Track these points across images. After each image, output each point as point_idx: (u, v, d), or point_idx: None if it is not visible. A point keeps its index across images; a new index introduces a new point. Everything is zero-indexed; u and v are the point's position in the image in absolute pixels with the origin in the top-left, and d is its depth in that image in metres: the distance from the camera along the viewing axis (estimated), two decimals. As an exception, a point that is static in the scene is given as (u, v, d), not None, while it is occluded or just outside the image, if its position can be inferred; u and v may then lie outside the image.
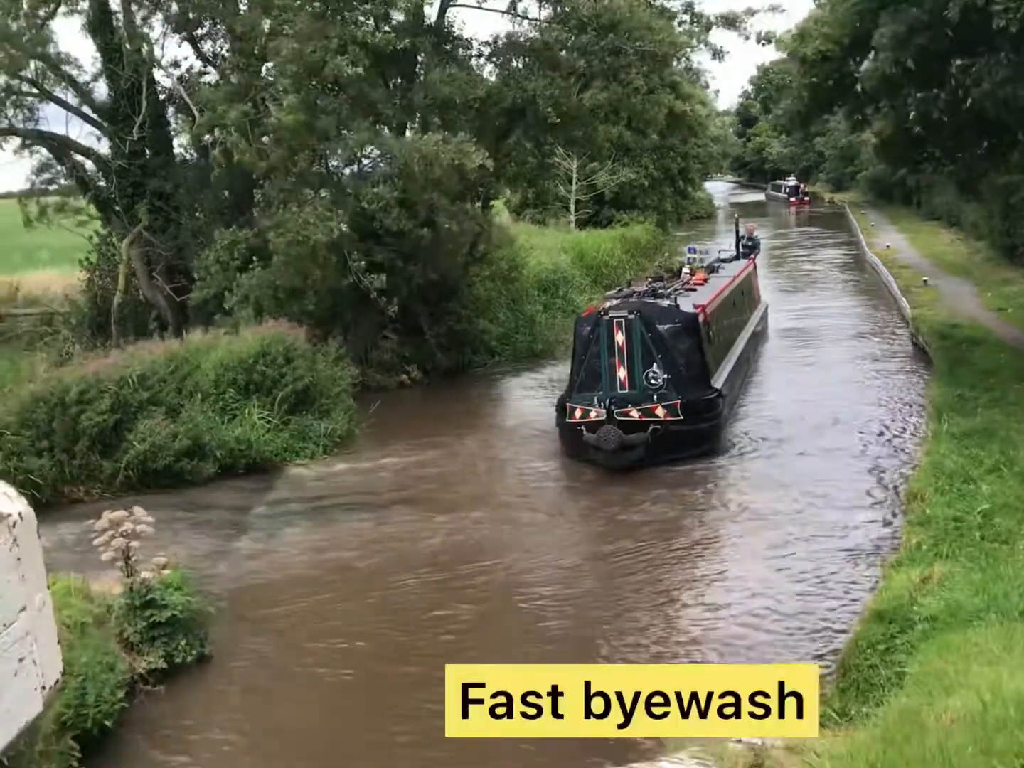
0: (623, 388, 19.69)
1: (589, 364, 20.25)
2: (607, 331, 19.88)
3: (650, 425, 19.25)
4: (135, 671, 11.69)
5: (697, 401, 19.82)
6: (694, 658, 12.20)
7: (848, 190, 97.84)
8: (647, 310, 20.51)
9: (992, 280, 36.79)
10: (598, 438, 19.10)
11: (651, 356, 19.68)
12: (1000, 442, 16.74)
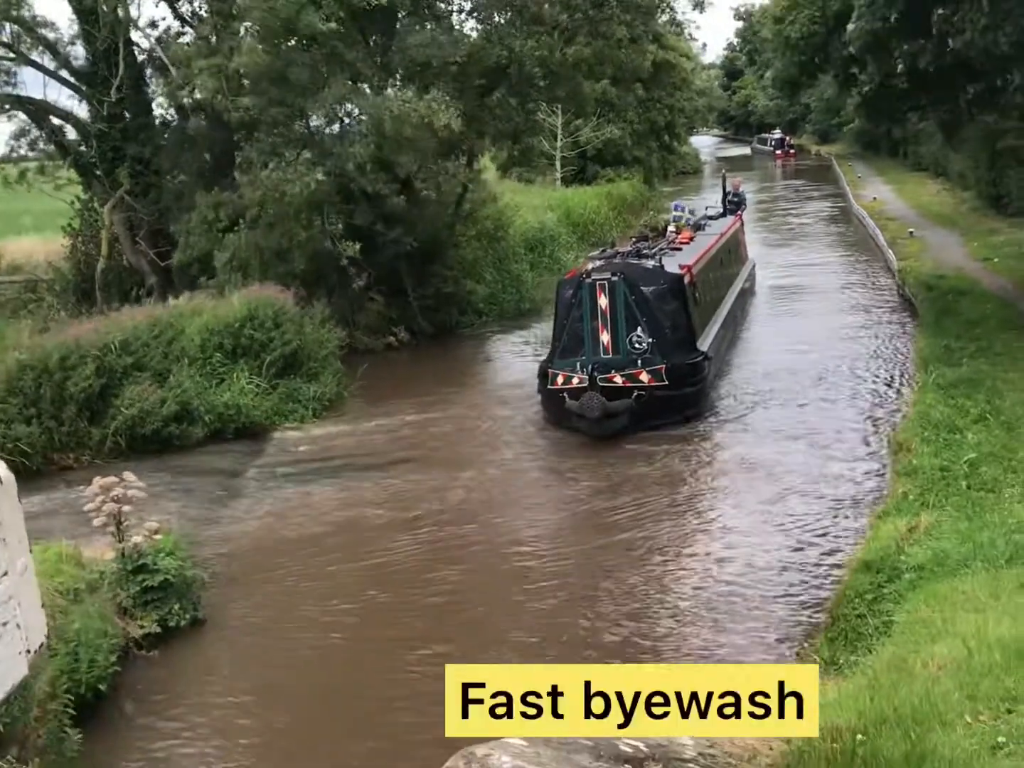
0: (606, 353, 19.13)
1: (571, 328, 19.70)
2: (589, 294, 19.33)
3: (634, 391, 18.72)
4: (129, 636, 11.73)
5: (682, 365, 19.28)
6: (685, 612, 12.30)
7: (835, 142, 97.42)
8: (631, 272, 19.95)
9: (978, 230, 36.75)
10: (581, 405, 18.51)
11: (635, 319, 19.11)
12: (986, 392, 16.84)
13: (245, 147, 28.14)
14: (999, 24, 17.30)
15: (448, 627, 12.47)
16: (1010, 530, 10.76)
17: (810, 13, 20.73)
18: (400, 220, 27.00)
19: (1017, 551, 10.00)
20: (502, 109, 29.97)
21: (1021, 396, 16.62)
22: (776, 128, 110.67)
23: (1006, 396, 16.60)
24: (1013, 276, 27.68)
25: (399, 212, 26.81)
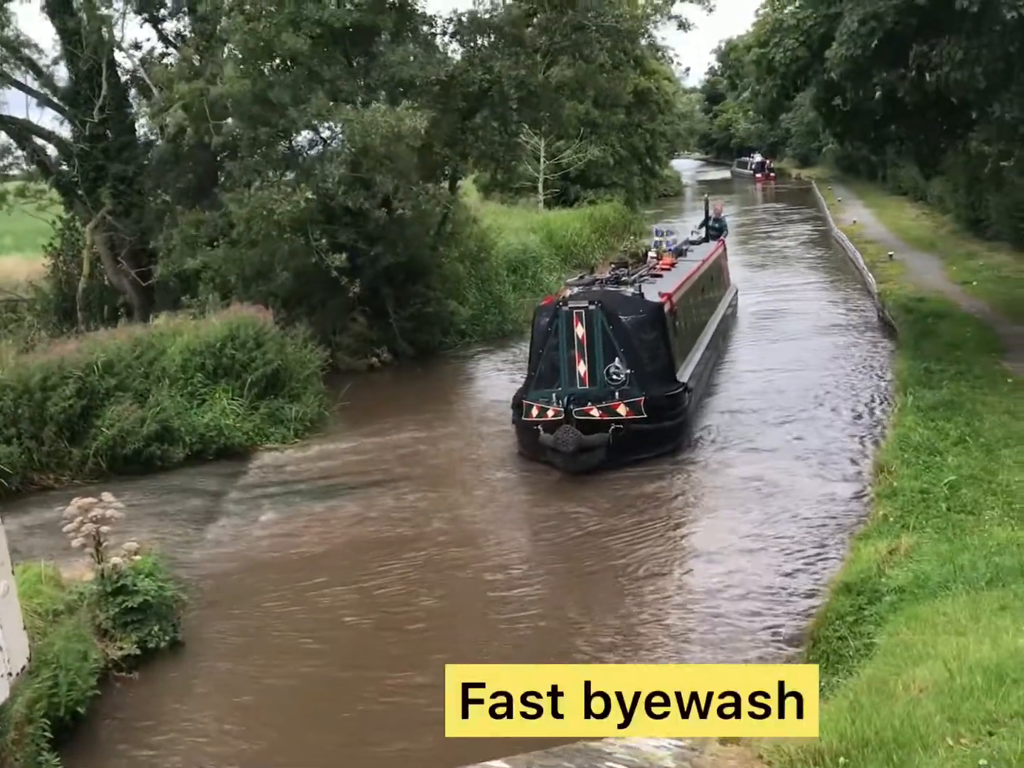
0: (583, 384, 18.45)
1: (547, 358, 19.02)
2: (566, 323, 18.63)
3: (611, 424, 18.00)
4: (108, 657, 11.66)
5: (662, 397, 18.67)
6: (668, 633, 12.31)
7: (815, 165, 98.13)
8: (609, 300, 19.27)
9: (957, 253, 37.05)
10: (555, 439, 17.79)
11: (613, 350, 18.44)
12: (965, 414, 16.92)
13: (228, 166, 28.24)
14: (976, 58, 17.48)
15: (428, 653, 12.39)
16: (990, 552, 10.80)
17: (795, 38, 20.83)
18: (381, 239, 27.05)
19: (997, 573, 10.03)
20: (484, 131, 30.13)
21: (1000, 419, 16.71)
22: (757, 151, 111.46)
23: (985, 419, 16.69)
24: (992, 299, 27.89)
25: (380, 231, 26.86)
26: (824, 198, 68.19)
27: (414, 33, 29.67)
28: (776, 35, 21.57)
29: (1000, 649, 6.50)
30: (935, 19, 18.00)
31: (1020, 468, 14.29)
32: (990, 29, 17.21)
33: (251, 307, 23.14)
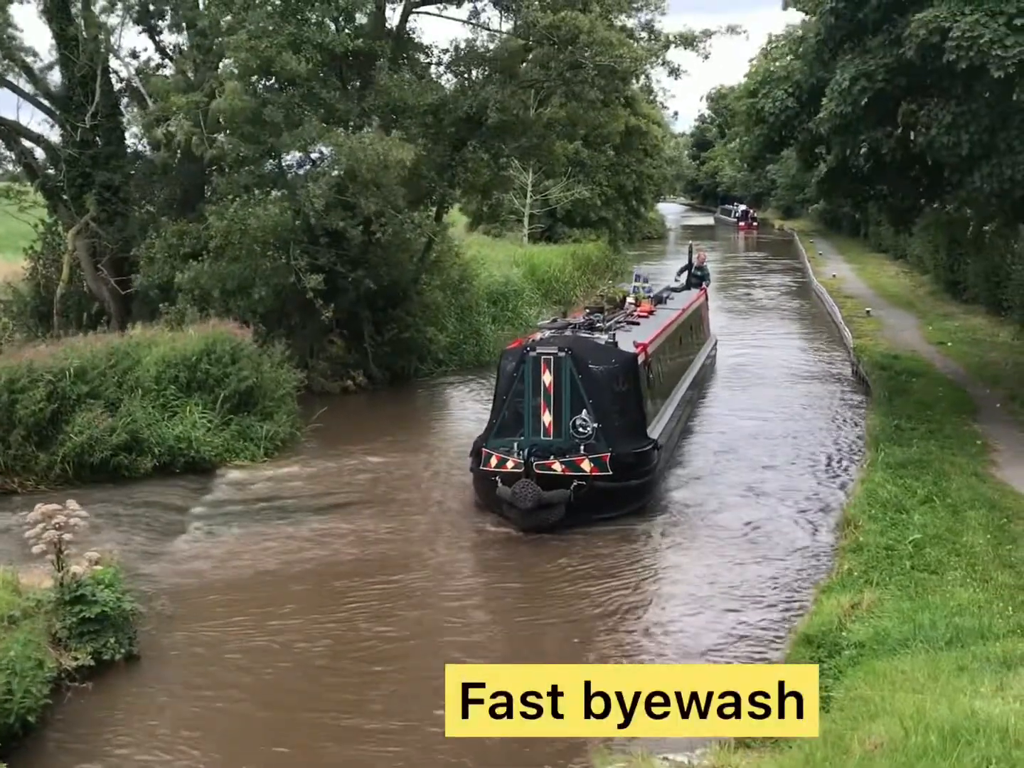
0: (547, 435, 17.39)
1: (511, 404, 17.97)
2: (533, 369, 17.59)
3: (574, 480, 16.96)
4: (62, 667, 11.53)
5: (629, 454, 17.65)
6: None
7: (798, 218, 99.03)
8: (579, 347, 18.20)
9: (935, 314, 37.45)
10: (513, 494, 16.74)
11: (581, 400, 17.39)
12: (934, 474, 17.06)
13: (216, 181, 28.27)
14: (964, 124, 17.73)
15: (384, 674, 12.41)
16: (951, 613, 10.87)
17: (784, 89, 21.10)
18: (362, 263, 27.07)
19: (957, 634, 10.10)
20: (474, 162, 30.28)
21: (968, 480, 16.86)
22: (743, 200, 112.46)
23: (953, 479, 16.83)
24: (965, 361, 28.18)
25: (361, 255, 26.89)
26: (805, 251, 68.80)
27: (410, 61, 29.90)
28: (765, 86, 21.85)
29: (956, 710, 6.53)
30: (925, 80, 18.28)
31: (984, 530, 14.42)
32: (980, 95, 17.47)
33: (230, 323, 23.10)
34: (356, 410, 26.75)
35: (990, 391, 24.24)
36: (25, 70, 28.75)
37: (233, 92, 25.04)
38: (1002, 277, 32.81)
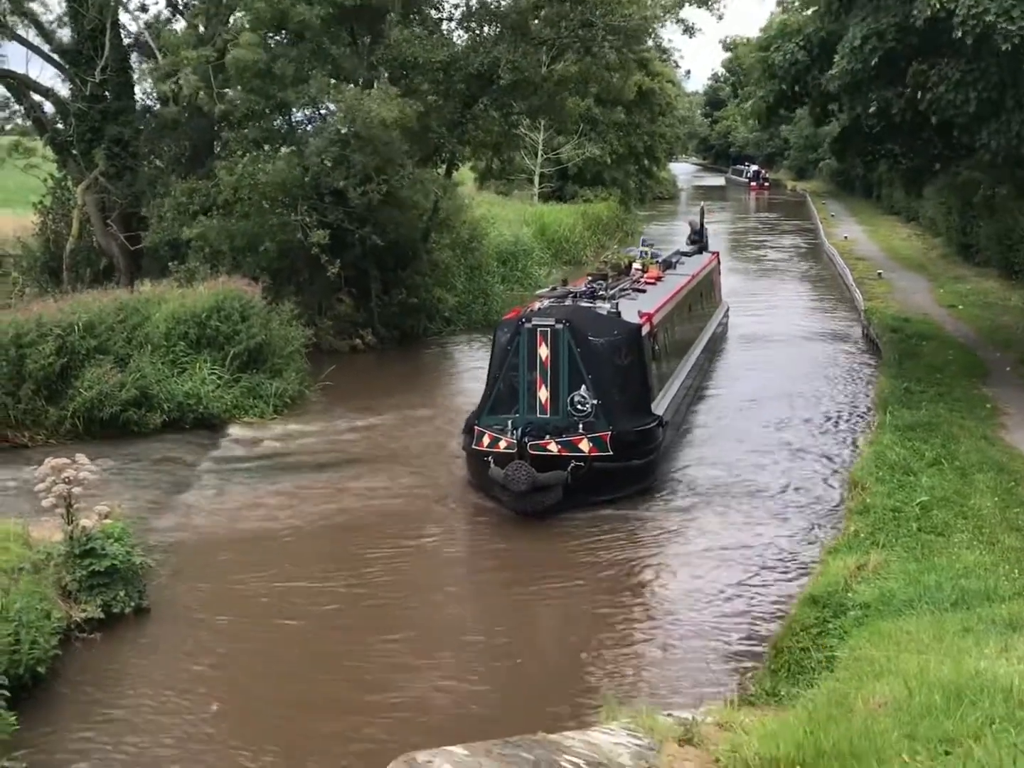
0: (543, 412, 16.32)
1: (506, 379, 16.82)
2: (528, 342, 16.47)
3: (571, 461, 15.84)
4: (71, 619, 11.62)
5: (631, 432, 16.52)
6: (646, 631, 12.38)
7: (811, 179, 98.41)
8: (578, 319, 17.03)
9: (946, 276, 37.27)
10: (505, 476, 15.54)
11: (580, 375, 16.26)
12: (942, 436, 17.02)
13: (225, 137, 28.16)
14: (972, 81, 17.58)
15: (389, 625, 12.53)
16: (957, 575, 10.88)
17: (795, 42, 20.94)
18: (368, 220, 26.95)
19: (962, 596, 10.11)
20: (484, 119, 30.10)
21: (976, 443, 16.82)
22: (753, 160, 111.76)
23: (961, 442, 16.79)
24: (976, 324, 28.07)
25: (368, 212, 26.78)
26: (817, 212, 68.44)
27: (421, 16, 29.67)
28: (777, 40, 21.69)
29: (961, 670, 6.54)
30: (935, 42, 18.10)
31: (992, 493, 14.39)
32: (989, 54, 17.31)
33: (239, 280, 23.08)
34: (364, 368, 26.76)
35: (1001, 355, 24.15)
36: (35, 24, 28.63)
37: (248, 44, 24.89)
38: (1015, 240, 32.63)
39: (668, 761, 5.31)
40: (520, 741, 4.75)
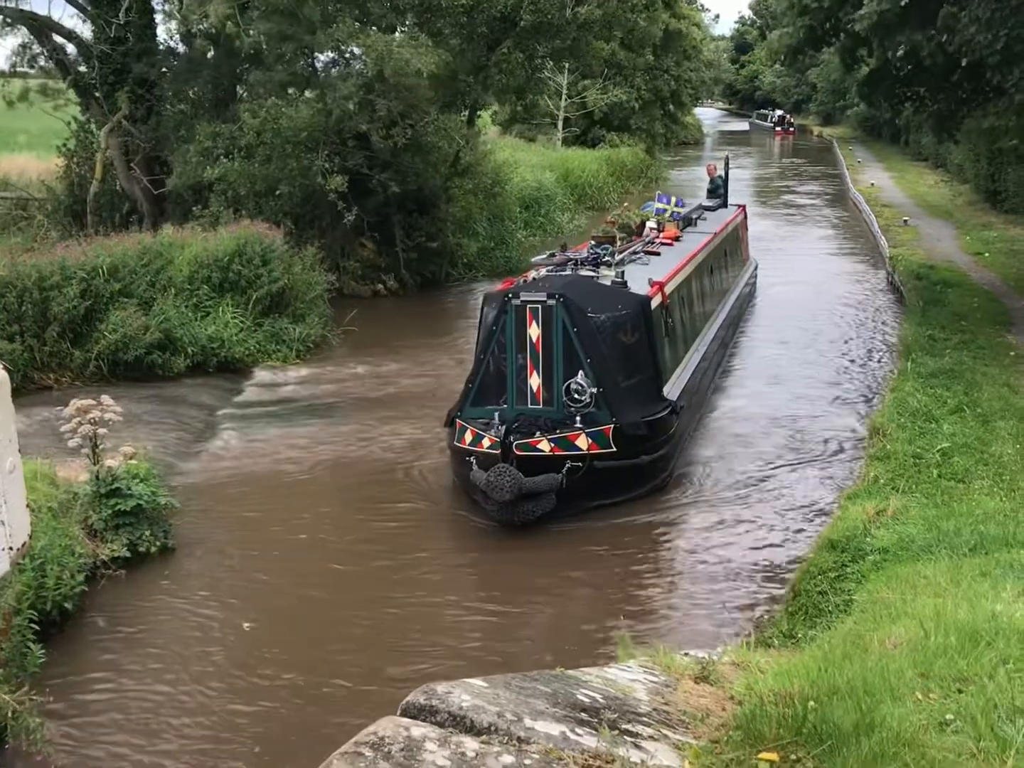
0: (535, 403, 14.00)
1: (494, 364, 14.48)
2: (516, 321, 14.10)
3: (566, 461, 13.52)
4: (98, 557, 11.80)
5: (639, 423, 14.19)
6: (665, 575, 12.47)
7: (838, 125, 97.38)
8: (576, 292, 14.52)
9: (973, 224, 36.92)
10: (487, 482, 13.16)
11: (577, 359, 13.94)
12: (965, 384, 16.98)
13: (250, 79, 28.01)
14: (1002, 19, 17.31)
15: (414, 564, 12.69)
16: (976, 521, 10.89)
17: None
18: (391, 166, 26.84)
19: (981, 541, 10.13)
20: (508, 63, 29.85)
21: (999, 391, 16.77)
22: (779, 106, 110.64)
23: (984, 389, 16.75)
24: (1002, 272, 27.84)
25: (391, 157, 26.66)
26: (844, 158, 67.74)
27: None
28: None
29: (977, 613, 6.58)
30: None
31: (1014, 440, 14.37)
32: None
33: (261, 224, 23.09)
34: (387, 314, 26.80)
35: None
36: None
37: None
38: (1044, 187, 32.29)
39: (684, 697, 5.37)
40: (538, 675, 4.81)
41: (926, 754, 3.80)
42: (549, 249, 20.35)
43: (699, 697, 5.45)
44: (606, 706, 4.42)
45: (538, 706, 4.06)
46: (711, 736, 4.28)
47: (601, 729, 3.89)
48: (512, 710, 3.83)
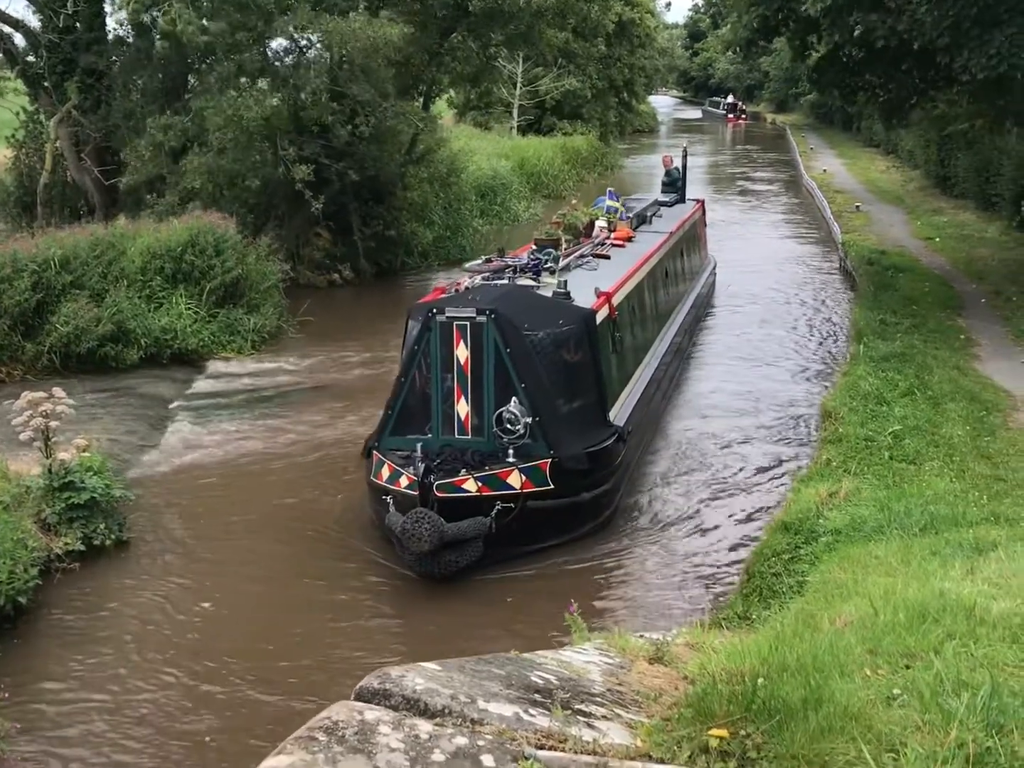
0: (463, 432, 12.41)
1: (418, 387, 12.87)
2: (441, 339, 12.46)
3: (496, 503, 11.83)
4: (52, 551, 11.71)
5: (580, 456, 12.58)
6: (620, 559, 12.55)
7: (791, 112, 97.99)
8: (509, 306, 12.82)
9: (924, 209, 37.33)
10: (402, 530, 11.29)
11: (510, 384, 12.26)
12: (916, 367, 17.21)
13: (201, 70, 27.74)
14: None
15: (373, 552, 12.66)
16: (927, 501, 11.05)
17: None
18: (348, 154, 26.73)
19: (931, 521, 10.29)
20: (462, 51, 29.80)
21: (949, 373, 17.02)
22: (733, 92, 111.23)
23: (935, 372, 16.98)
24: (952, 256, 28.20)
25: (347, 146, 26.54)
26: (797, 145, 68.19)
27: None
28: None
29: (926, 590, 6.68)
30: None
31: (963, 422, 14.60)
32: None
33: (214, 215, 22.91)
34: (343, 303, 26.72)
35: (976, 286, 24.32)
36: (1, -48, 28.02)
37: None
38: (992, 173, 32.64)
39: (638, 677, 5.42)
40: (493, 658, 4.85)
41: (872, 727, 3.87)
42: (505, 238, 20.34)
43: (653, 678, 5.51)
44: (560, 687, 4.47)
45: (492, 688, 4.09)
46: (663, 714, 4.34)
47: (554, 709, 3.93)
48: (466, 692, 3.86)
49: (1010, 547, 8.32)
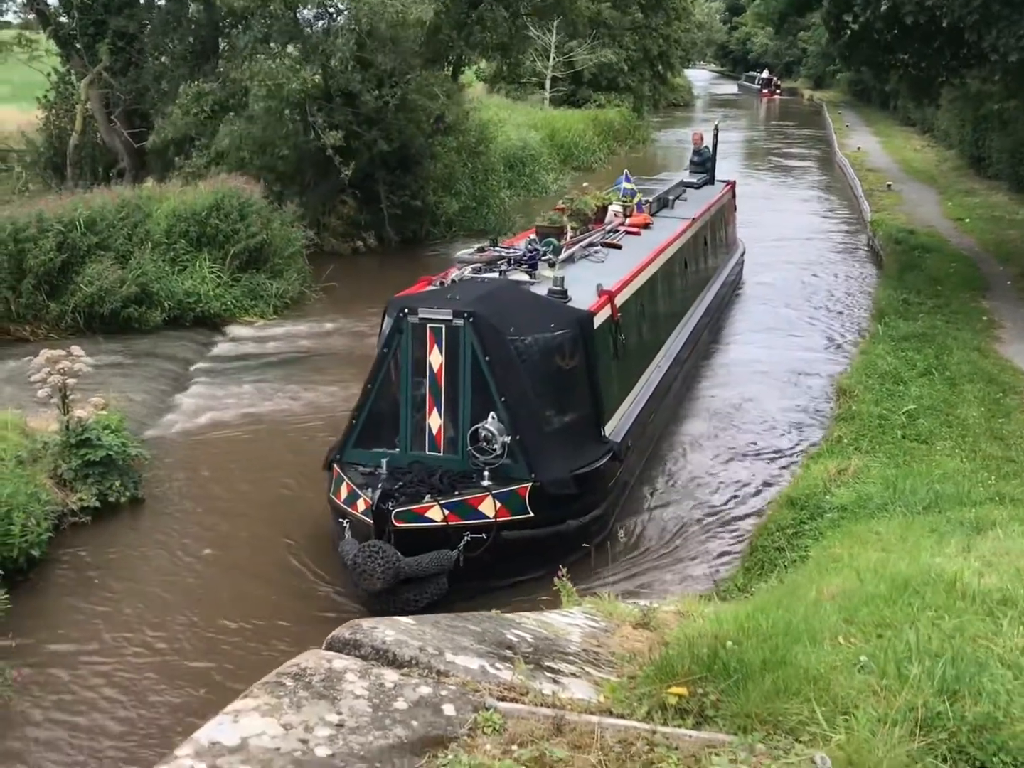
0: (435, 448, 10.92)
1: (387, 395, 11.31)
2: (413, 343, 10.98)
3: (464, 534, 10.28)
4: (67, 506, 11.90)
5: (564, 481, 11.02)
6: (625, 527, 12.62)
7: (828, 88, 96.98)
8: (492, 308, 11.19)
9: (956, 189, 36.97)
10: (354, 562, 9.83)
11: (488, 397, 10.78)
12: (936, 347, 17.16)
13: (232, 34, 27.77)
14: None
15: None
16: (933, 480, 11.07)
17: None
18: (377, 123, 26.73)
19: (936, 500, 10.31)
20: (492, 20, 29.67)
21: (969, 355, 16.95)
22: (769, 67, 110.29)
23: (954, 353, 16.92)
24: (982, 238, 27.95)
25: (376, 115, 26.55)
26: (832, 122, 67.53)
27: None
28: None
29: (914, 565, 6.74)
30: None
31: (979, 403, 14.57)
32: None
33: (239, 178, 23.00)
34: (367, 271, 26.78)
35: (1003, 268, 24.13)
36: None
37: None
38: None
39: (619, 641, 5.51)
40: (471, 616, 4.94)
41: (830, 690, 3.94)
42: (532, 209, 19.77)
43: (634, 641, 5.59)
44: (532, 645, 4.56)
45: (463, 642, 4.19)
46: (631, 673, 4.42)
47: (516, 663, 4.02)
48: (435, 645, 3.96)
49: (1009, 526, 8.35)
